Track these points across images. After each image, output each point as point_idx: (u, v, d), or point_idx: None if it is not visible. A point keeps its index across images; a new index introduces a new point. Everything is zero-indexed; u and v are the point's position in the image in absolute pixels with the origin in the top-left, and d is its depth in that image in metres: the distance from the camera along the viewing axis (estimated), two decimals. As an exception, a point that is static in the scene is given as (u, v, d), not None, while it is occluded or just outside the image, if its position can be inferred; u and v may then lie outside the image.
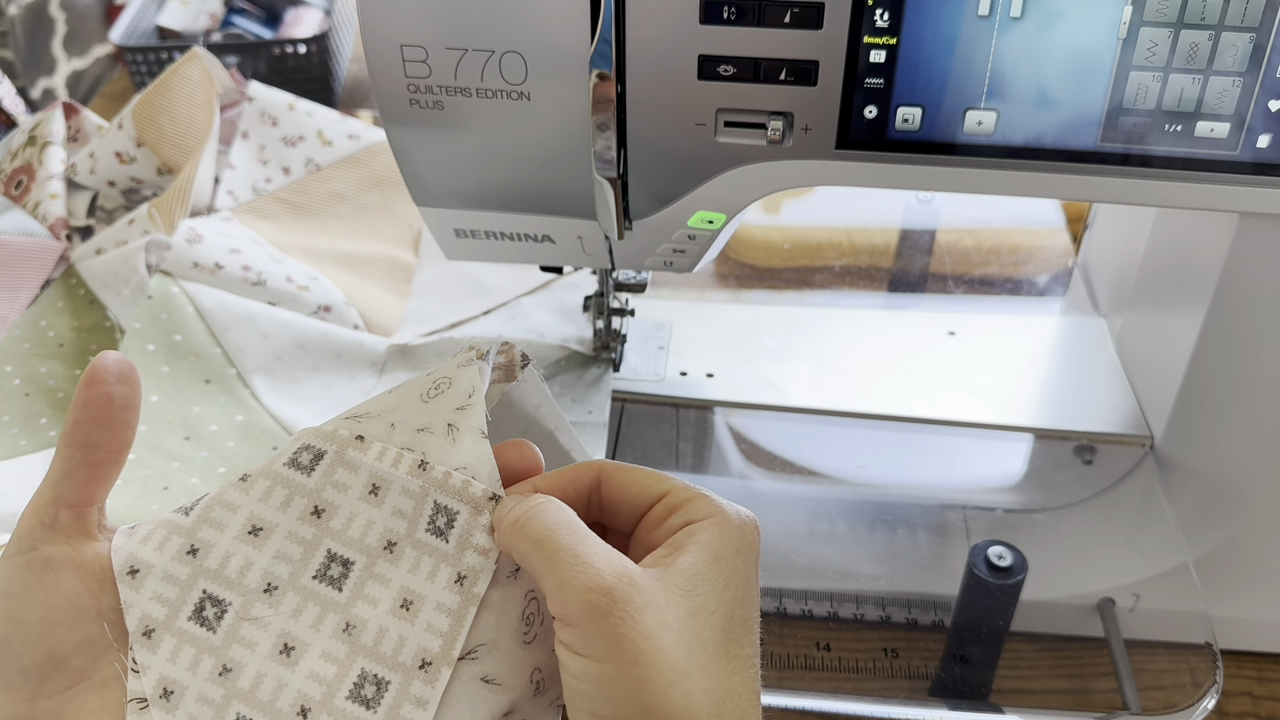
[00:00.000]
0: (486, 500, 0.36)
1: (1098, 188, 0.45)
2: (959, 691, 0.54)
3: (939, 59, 0.42)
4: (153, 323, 0.62)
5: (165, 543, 0.36)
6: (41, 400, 0.61)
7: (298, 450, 0.37)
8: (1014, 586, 0.53)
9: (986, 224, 0.81)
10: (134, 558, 0.36)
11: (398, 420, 0.38)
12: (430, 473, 0.37)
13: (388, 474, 0.37)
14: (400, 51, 0.44)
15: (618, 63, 0.43)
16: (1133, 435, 0.60)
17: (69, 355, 0.64)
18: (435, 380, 0.39)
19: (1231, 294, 0.51)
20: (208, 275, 0.64)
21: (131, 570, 0.35)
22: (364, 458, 0.37)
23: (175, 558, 0.36)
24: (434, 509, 0.36)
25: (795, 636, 0.56)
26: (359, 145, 0.77)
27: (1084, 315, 0.70)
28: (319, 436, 0.37)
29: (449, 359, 0.40)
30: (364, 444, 0.37)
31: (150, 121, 0.72)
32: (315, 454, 0.37)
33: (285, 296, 0.65)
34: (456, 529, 0.36)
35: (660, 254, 0.52)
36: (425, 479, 0.37)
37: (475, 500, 0.36)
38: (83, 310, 0.67)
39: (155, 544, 0.36)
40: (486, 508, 0.36)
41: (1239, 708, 0.56)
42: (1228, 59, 0.41)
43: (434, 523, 0.36)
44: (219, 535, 0.36)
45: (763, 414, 0.64)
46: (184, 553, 0.36)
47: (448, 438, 0.37)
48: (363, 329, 0.67)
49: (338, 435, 0.37)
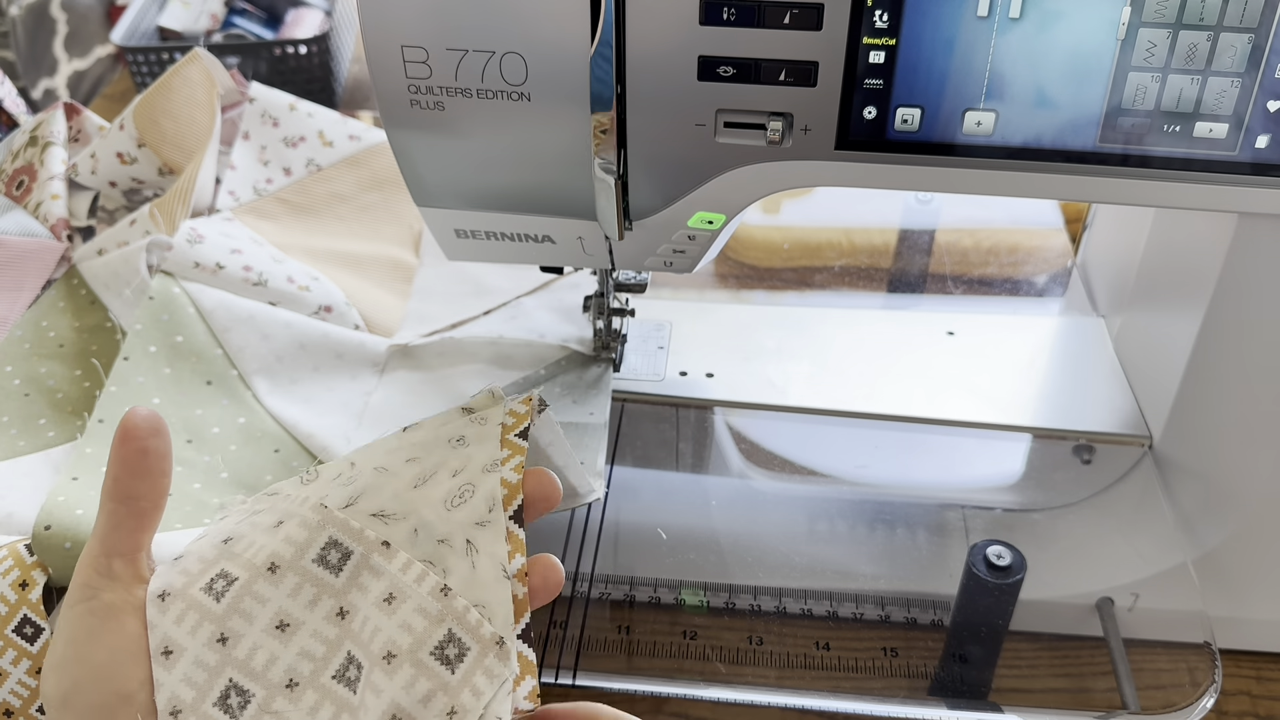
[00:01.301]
0: (493, 643, 0.37)
1: (1096, 188, 0.45)
2: (958, 691, 0.54)
3: (938, 60, 0.43)
4: (154, 324, 0.62)
5: (197, 628, 0.38)
6: (41, 401, 0.61)
7: (326, 547, 0.39)
8: (1013, 586, 0.53)
9: (985, 224, 0.81)
10: (168, 639, 0.38)
11: (420, 526, 0.39)
12: (451, 601, 0.37)
13: (408, 589, 0.38)
14: (401, 52, 0.44)
15: (618, 63, 0.44)
16: (1131, 435, 0.60)
17: (69, 355, 0.64)
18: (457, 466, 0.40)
19: (1230, 294, 0.52)
20: (209, 275, 0.65)
21: (165, 651, 0.37)
22: (389, 566, 0.38)
23: (206, 644, 0.38)
24: (447, 637, 0.37)
25: (795, 636, 0.56)
26: (360, 146, 0.78)
27: (1083, 315, 0.70)
28: (348, 534, 0.39)
29: (472, 401, 0.42)
30: (389, 551, 0.38)
31: (151, 122, 0.72)
32: (344, 554, 0.39)
33: (286, 297, 0.65)
34: (465, 664, 0.37)
35: (660, 254, 0.52)
36: (444, 605, 0.37)
37: (484, 641, 0.37)
38: (84, 310, 0.67)
39: (188, 628, 0.38)
40: (492, 650, 0.37)
41: (1238, 707, 0.56)
42: (1226, 59, 0.41)
43: (443, 650, 0.37)
44: (248, 627, 0.38)
45: (762, 414, 0.64)
46: (214, 640, 0.38)
47: (466, 559, 0.38)
48: (364, 329, 0.67)
49: (365, 537, 0.39)
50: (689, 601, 0.57)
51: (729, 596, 0.57)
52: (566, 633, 0.54)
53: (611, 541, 0.59)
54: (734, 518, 0.61)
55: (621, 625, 0.56)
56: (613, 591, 0.58)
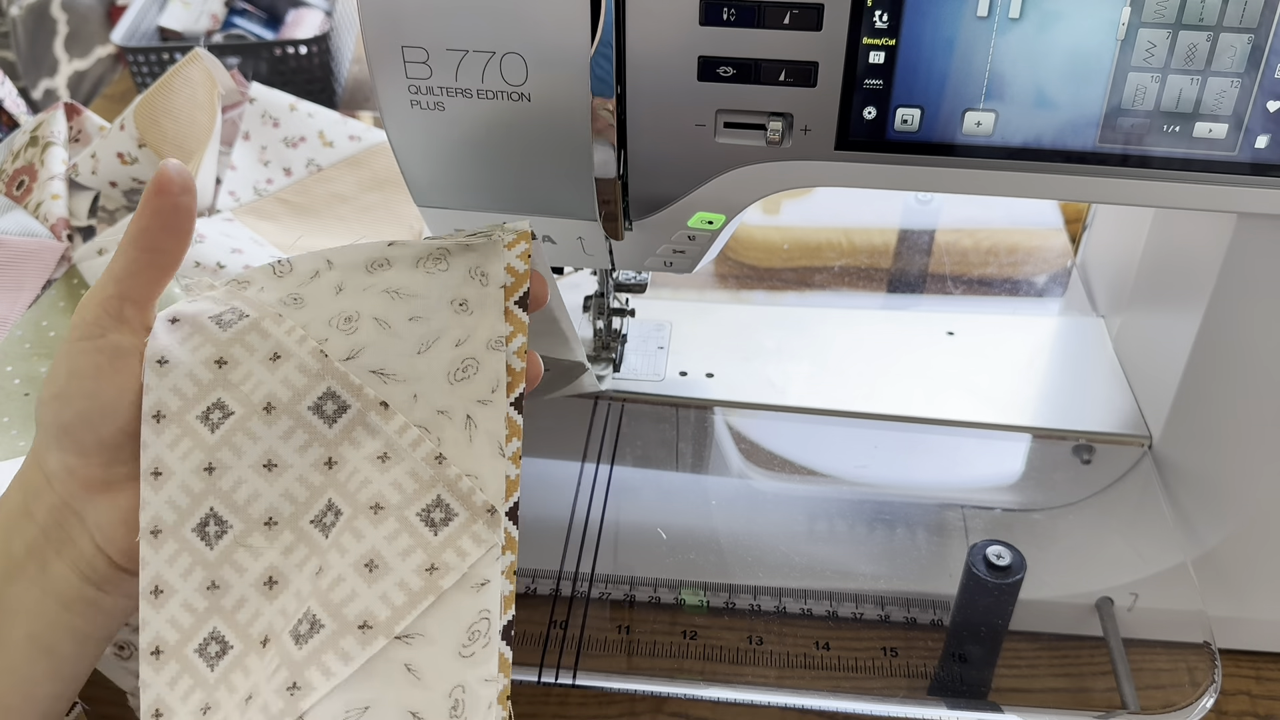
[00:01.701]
0: (484, 511, 0.38)
1: (1096, 188, 0.45)
2: (958, 690, 0.54)
3: (938, 60, 0.43)
4: None
5: (188, 455, 0.38)
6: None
7: (323, 397, 0.39)
8: (1013, 586, 0.53)
9: (985, 224, 0.81)
10: (158, 459, 0.38)
11: (421, 392, 0.39)
12: (445, 469, 0.38)
13: (403, 451, 0.38)
14: (401, 52, 0.44)
15: (618, 64, 0.44)
16: (1131, 435, 0.60)
17: None
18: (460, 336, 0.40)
19: (1229, 294, 0.52)
20: (210, 276, 0.65)
21: (155, 472, 0.38)
22: (385, 426, 0.39)
23: (194, 471, 0.38)
24: (434, 501, 0.38)
25: (794, 635, 0.56)
26: (360, 146, 0.78)
27: (1082, 315, 0.70)
28: (347, 388, 0.39)
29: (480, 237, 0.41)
30: (387, 411, 0.39)
31: (152, 122, 0.72)
32: (340, 406, 0.39)
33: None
34: (449, 528, 0.38)
35: (660, 254, 0.52)
36: (437, 472, 0.38)
37: (475, 508, 0.38)
38: None
39: (180, 453, 0.38)
40: (482, 517, 0.38)
41: (1237, 707, 0.56)
42: (1226, 60, 0.41)
43: (430, 514, 0.38)
44: (236, 460, 0.38)
45: (762, 414, 0.64)
46: (202, 469, 0.38)
47: (464, 431, 0.39)
48: None
49: (364, 394, 0.39)
50: (689, 601, 0.57)
51: (729, 596, 0.57)
52: (566, 632, 0.55)
53: (611, 541, 0.59)
54: (734, 518, 0.61)
55: (621, 625, 0.56)
56: (613, 591, 0.58)
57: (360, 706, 0.36)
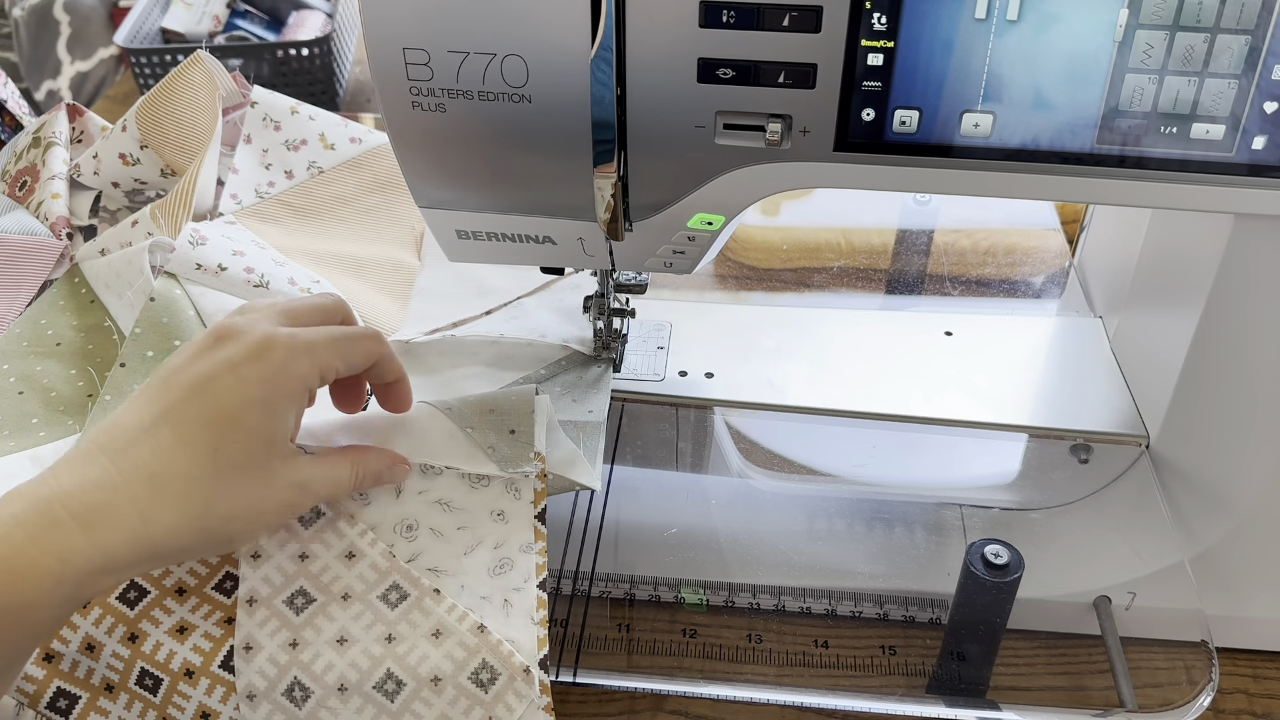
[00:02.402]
0: (521, 670, 0.47)
1: (1094, 189, 0.45)
2: (956, 688, 0.54)
3: (936, 62, 0.43)
4: (153, 327, 0.62)
5: (277, 632, 0.48)
6: (35, 399, 0.62)
7: (389, 589, 0.49)
8: (1010, 584, 0.53)
9: (983, 225, 0.82)
10: (250, 637, 0.48)
11: (467, 584, 0.50)
12: (486, 637, 0.48)
13: (452, 626, 0.48)
14: (403, 54, 0.45)
15: (618, 65, 0.44)
16: (1128, 434, 0.61)
17: (66, 355, 0.64)
18: (498, 541, 0.52)
19: (1226, 294, 0.52)
20: (211, 278, 0.65)
21: (246, 647, 0.47)
22: (437, 608, 0.48)
23: (281, 647, 0.47)
24: (481, 665, 0.47)
25: (793, 634, 0.56)
26: (361, 148, 0.78)
27: (1080, 315, 0.70)
28: (407, 579, 0.49)
29: (501, 460, 0.53)
30: (439, 597, 0.49)
31: (154, 124, 0.72)
32: (401, 594, 0.49)
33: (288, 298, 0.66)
34: (496, 685, 0.47)
35: (660, 255, 0.52)
36: (480, 639, 0.48)
37: (513, 668, 0.47)
38: (83, 310, 0.67)
39: (269, 631, 0.48)
40: (519, 675, 0.47)
41: (1235, 705, 0.56)
42: (1223, 61, 0.41)
43: (478, 675, 0.47)
44: (316, 637, 0.48)
45: (761, 413, 0.64)
46: (288, 644, 0.47)
47: (503, 610, 0.49)
48: None
49: (420, 583, 0.49)
50: (689, 600, 0.57)
51: (728, 595, 0.57)
52: (567, 630, 0.55)
53: (612, 540, 0.59)
54: (733, 517, 0.61)
55: (622, 623, 0.57)
56: (613, 590, 0.58)
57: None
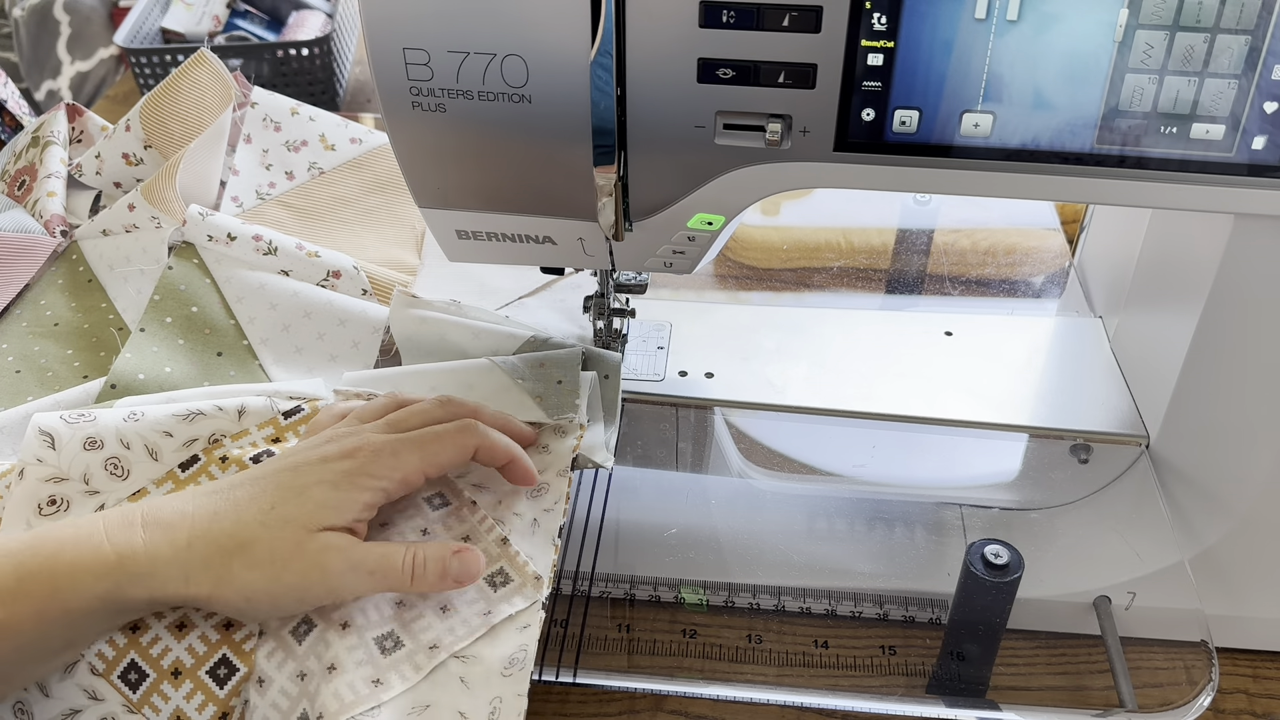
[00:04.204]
0: (533, 578, 0.50)
1: (1094, 189, 0.45)
2: (956, 688, 0.54)
3: (936, 62, 0.43)
4: (171, 294, 0.64)
5: (283, 665, 0.48)
6: (31, 378, 0.63)
7: (433, 495, 0.53)
8: (1010, 584, 0.53)
9: (983, 225, 0.82)
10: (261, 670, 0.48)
11: (504, 498, 0.54)
12: (508, 549, 0.51)
13: (481, 534, 0.52)
14: (403, 54, 0.45)
15: (618, 66, 0.44)
16: (1128, 434, 0.61)
17: (63, 335, 0.65)
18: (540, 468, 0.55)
19: (1226, 294, 0.52)
20: (222, 247, 0.66)
21: (260, 680, 0.48)
22: (472, 517, 0.52)
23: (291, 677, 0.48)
24: (498, 571, 0.51)
25: (793, 634, 0.56)
26: (362, 149, 0.78)
27: (1080, 316, 0.70)
28: (450, 489, 0.54)
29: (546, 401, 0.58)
30: (475, 507, 0.53)
31: (159, 124, 0.73)
32: (444, 500, 0.53)
33: (297, 262, 0.67)
34: (506, 588, 0.50)
35: (660, 255, 0.52)
36: (503, 550, 0.51)
37: (526, 576, 0.50)
38: (81, 291, 0.68)
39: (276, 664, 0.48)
40: (530, 582, 0.50)
41: (1235, 705, 0.56)
42: (1223, 61, 0.41)
43: (494, 579, 0.50)
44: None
45: (761, 413, 0.64)
46: (296, 676, 0.48)
47: (530, 528, 0.53)
48: (370, 295, 0.68)
49: (461, 493, 0.53)
50: (689, 600, 0.57)
51: (728, 595, 0.57)
52: (567, 631, 0.55)
53: (612, 540, 0.59)
54: (733, 517, 0.61)
55: (622, 623, 0.57)
56: (613, 590, 0.58)
57: (423, 705, 0.46)
